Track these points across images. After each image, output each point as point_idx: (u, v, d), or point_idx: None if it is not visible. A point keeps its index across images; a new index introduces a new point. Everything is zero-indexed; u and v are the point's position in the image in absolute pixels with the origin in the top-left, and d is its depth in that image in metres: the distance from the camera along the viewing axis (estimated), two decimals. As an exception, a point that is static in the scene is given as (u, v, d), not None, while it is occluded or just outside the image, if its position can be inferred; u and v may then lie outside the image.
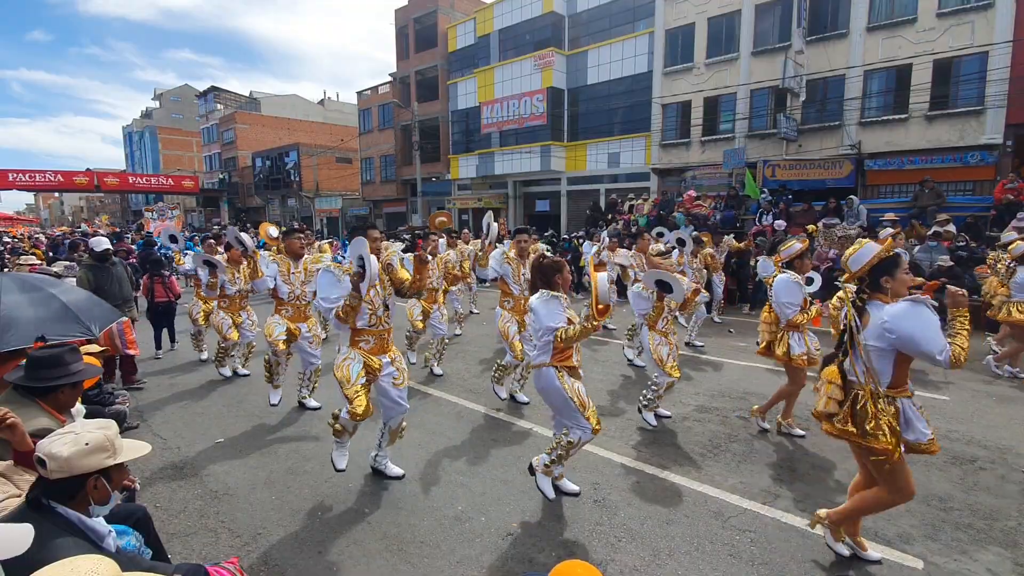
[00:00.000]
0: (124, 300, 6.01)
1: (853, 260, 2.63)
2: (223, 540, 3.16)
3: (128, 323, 5.61)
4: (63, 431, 1.85)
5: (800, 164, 15.04)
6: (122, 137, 63.58)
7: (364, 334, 3.56)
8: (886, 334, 2.45)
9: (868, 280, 2.61)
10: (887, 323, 2.43)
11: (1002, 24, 12.41)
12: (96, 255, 6.00)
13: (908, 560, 2.86)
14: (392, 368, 3.62)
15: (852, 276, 2.66)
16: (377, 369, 3.55)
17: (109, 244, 6.17)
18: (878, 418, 2.50)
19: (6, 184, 32.01)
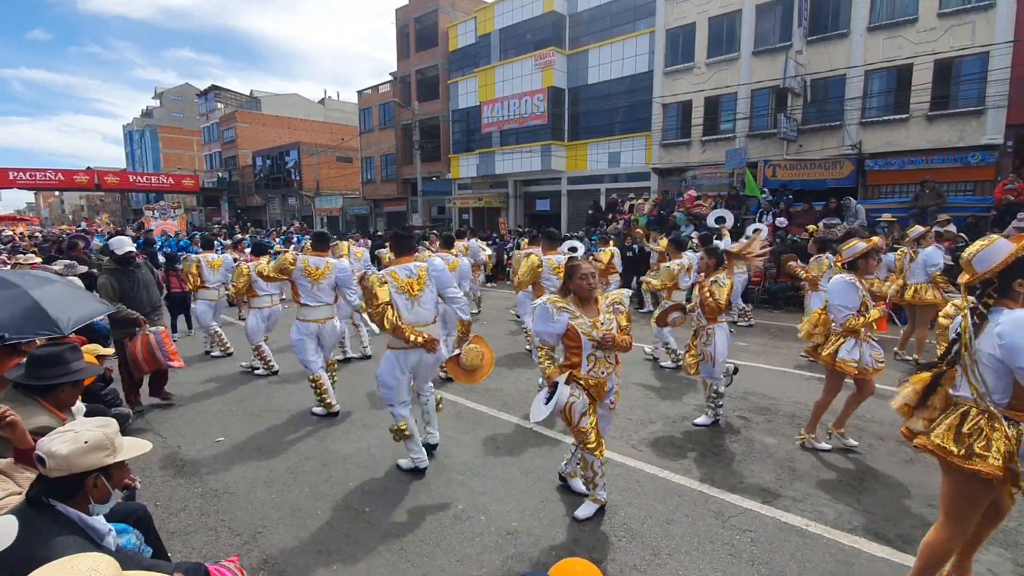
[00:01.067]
0: (153, 307, 5.30)
1: (979, 259, 2.21)
2: (223, 538, 3.16)
3: (166, 333, 5.01)
4: (63, 429, 1.85)
5: (801, 164, 15.04)
6: (122, 136, 63.63)
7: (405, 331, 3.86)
8: (996, 342, 2.09)
9: (997, 283, 2.19)
10: (1000, 329, 2.08)
11: (1003, 24, 12.41)
12: (119, 258, 5.16)
13: (909, 560, 2.85)
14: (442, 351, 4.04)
15: (977, 278, 2.24)
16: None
17: (132, 246, 5.33)
18: (992, 439, 2.15)
19: (7, 183, 32.02)
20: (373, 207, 33.35)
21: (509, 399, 5.47)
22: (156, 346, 4.80)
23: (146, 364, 4.79)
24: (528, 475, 3.86)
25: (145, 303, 5.14)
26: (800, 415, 4.92)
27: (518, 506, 3.43)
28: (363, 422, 4.93)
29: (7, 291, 3.53)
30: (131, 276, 5.13)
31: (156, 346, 4.80)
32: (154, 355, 4.77)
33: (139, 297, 5.10)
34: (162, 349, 4.81)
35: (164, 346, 4.83)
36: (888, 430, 4.59)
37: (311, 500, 3.56)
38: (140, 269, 5.29)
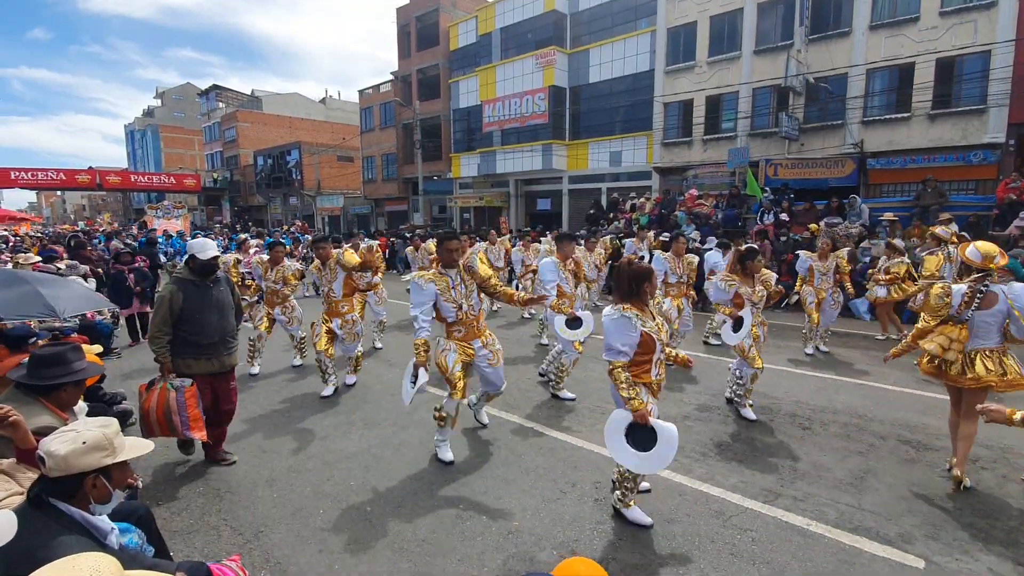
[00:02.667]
0: (223, 338, 3.90)
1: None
2: (225, 538, 3.17)
3: (194, 391, 3.67)
4: (66, 429, 1.85)
5: (802, 163, 15.02)
6: (124, 135, 63.69)
7: (455, 326, 4.03)
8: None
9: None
10: None
11: (1005, 23, 12.37)
12: (199, 266, 3.83)
13: (909, 560, 2.86)
14: (485, 351, 4.07)
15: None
16: (471, 354, 4.04)
17: (217, 251, 4.01)
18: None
19: (8, 183, 32.10)
20: (374, 206, 33.36)
21: (510, 399, 5.47)
22: (175, 409, 3.55)
23: (158, 427, 3.57)
24: (529, 474, 3.86)
25: (213, 329, 3.82)
26: (801, 414, 4.92)
27: (519, 506, 3.44)
28: (364, 422, 4.94)
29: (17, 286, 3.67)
30: (205, 292, 3.84)
31: (175, 409, 3.55)
32: (170, 419, 3.55)
33: (207, 320, 3.80)
34: (182, 414, 3.56)
35: (186, 409, 3.57)
36: (889, 429, 4.59)
37: (313, 499, 3.56)
38: (219, 285, 3.95)
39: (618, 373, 2.98)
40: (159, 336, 3.65)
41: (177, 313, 3.69)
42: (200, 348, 3.78)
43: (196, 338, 3.75)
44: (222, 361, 3.90)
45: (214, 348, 3.84)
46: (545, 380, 5.89)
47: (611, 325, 3.00)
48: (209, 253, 3.86)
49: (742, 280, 4.82)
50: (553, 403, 5.36)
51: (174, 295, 3.70)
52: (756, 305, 4.83)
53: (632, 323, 2.95)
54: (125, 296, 8.19)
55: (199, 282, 3.83)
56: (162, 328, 3.65)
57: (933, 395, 5.46)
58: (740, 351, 4.81)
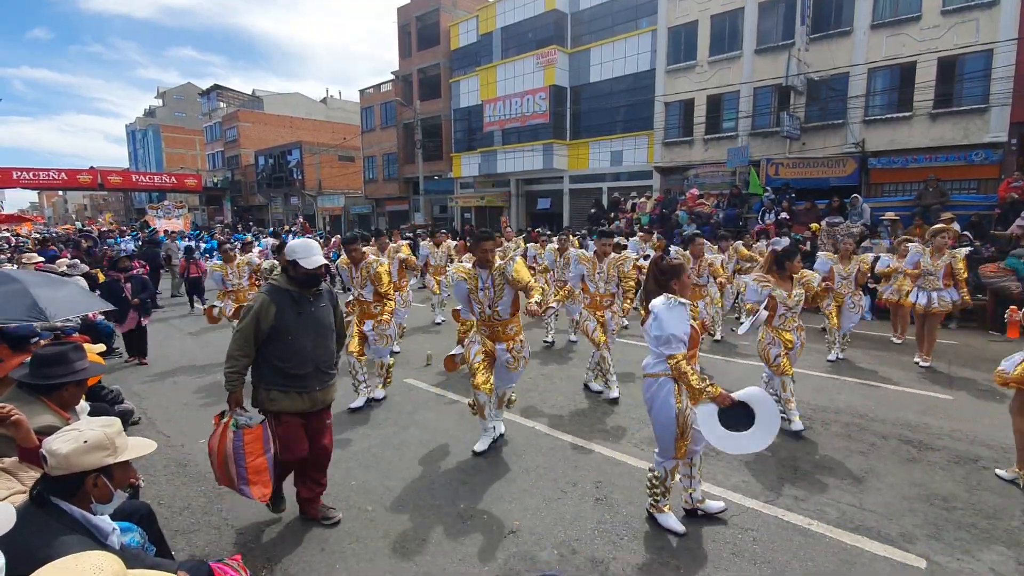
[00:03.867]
0: (317, 367, 3.09)
1: None
2: (226, 537, 3.17)
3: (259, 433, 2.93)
4: (68, 428, 1.86)
5: (803, 162, 15.00)
6: (125, 135, 63.75)
7: (480, 324, 4.09)
8: None
9: None
10: None
11: (1007, 22, 12.35)
12: (303, 276, 3.03)
13: (911, 559, 2.85)
14: (507, 355, 4.04)
15: None
16: (491, 352, 4.06)
17: (323, 259, 3.12)
18: None
19: (10, 183, 32.12)
20: (375, 206, 33.36)
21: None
22: (232, 456, 2.83)
23: (218, 472, 2.92)
24: (530, 474, 3.87)
25: (306, 356, 3.03)
26: (803, 414, 4.91)
27: (520, 505, 3.44)
28: (365, 422, 4.94)
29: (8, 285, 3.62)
30: (303, 309, 3.05)
31: (232, 456, 2.83)
32: (227, 466, 2.86)
33: (299, 344, 3.01)
34: (239, 463, 2.83)
35: (244, 458, 2.83)
36: (890, 429, 4.59)
37: (313, 499, 3.56)
38: (320, 301, 3.16)
39: (682, 365, 2.80)
40: (238, 357, 2.95)
41: (266, 331, 2.94)
42: (289, 379, 3.00)
43: (284, 365, 2.98)
44: (314, 398, 3.09)
45: (305, 381, 3.03)
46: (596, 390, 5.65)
47: (668, 313, 2.85)
48: (316, 259, 2.99)
49: (778, 282, 4.45)
50: (552, 402, 5.36)
51: (265, 308, 2.93)
52: (792, 309, 4.48)
53: (687, 312, 2.87)
54: (121, 307, 6.86)
55: (298, 295, 3.04)
56: (244, 348, 2.93)
57: (934, 395, 5.46)
58: (765, 360, 4.56)
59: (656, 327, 2.88)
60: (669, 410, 2.92)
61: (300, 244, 3.08)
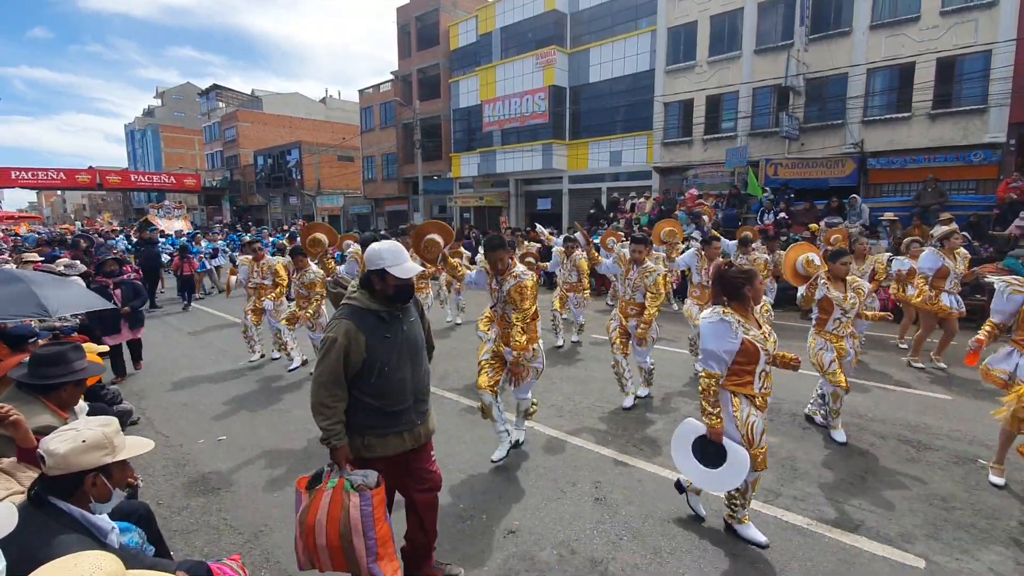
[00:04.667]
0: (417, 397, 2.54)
1: None
2: (225, 537, 3.17)
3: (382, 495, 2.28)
4: (65, 428, 1.86)
5: (802, 163, 15.01)
6: (124, 135, 63.72)
7: (495, 321, 4.03)
8: None
9: None
10: None
11: (1006, 22, 12.36)
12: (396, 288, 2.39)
13: (910, 559, 2.86)
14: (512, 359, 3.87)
15: None
16: (501, 353, 3.95)
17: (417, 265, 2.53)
18: None
19: (9, 182, 32.10)
20: (374, 206, 33.36)
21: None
22: (360, 527, 2.15)
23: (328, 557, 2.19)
24: (529, 474, 3.87)
25: (406, 388, 2.46)
26: (802, 414, 4.92)
27: (519, 505, 3.44)
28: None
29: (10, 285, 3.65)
30: (396, 330, 2.42)
31: (360, 527, 2.15)
32: (348, 543, 2.14)
33: (398, 375, 2.42)
34: (369, 535, 2.16)
35: (373, 527, 2.18)
36: (890, 428, 4.59)
37: (313, 499, 3.56)
38: (410, 315, 2.54)
39: (705, 383, 2.77)
40: (330, 404, 2.28)
41: (357, 366, 2.30)
42: (387, 419, 2.41)
43: (381, 403, 2.38)
44: (416, 434, 2.53)
45: (405, 416, 2.46)
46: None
47: (708, 329, 2.77)
48: (409, 266, 2.38)
49: (832, 283, 4.28)
50: (552, 403, 5.36)
51: (353, 338, 2.27)
52: (847, 313, 4.30)
53: (732, 328, 2.74)
54: (109, 318, 6.03)
55: (387, 314, 2.39)
56: (335, 391, 2.29)
57: (933, 395, 5.47)
58: (819, 367, 4.36)
59: (701, 341, 2.83)
60: (728, 420, 2.84)
61: (386, 249, 2.35)
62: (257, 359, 7.09)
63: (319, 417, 2.30)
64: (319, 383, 2.29)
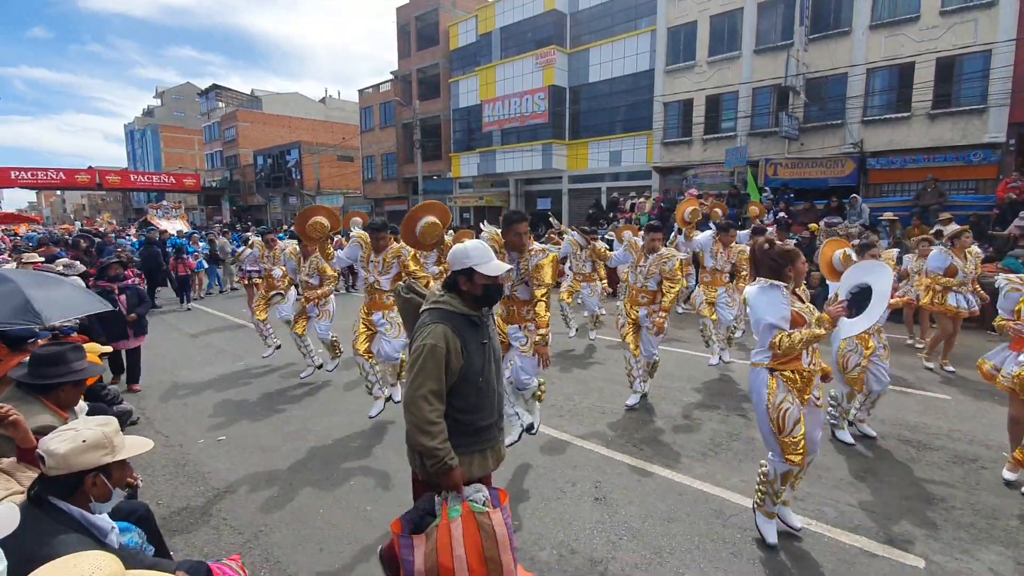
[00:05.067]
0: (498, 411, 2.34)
1: None
2: (225, 537, 3.17)
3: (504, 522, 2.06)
4: (65, 428, 1.86)
5: (802, 163, 15.02)
6: (124, 135, 63.69)
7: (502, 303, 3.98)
8: None
9: None
10: None
11: (1005, 22, 12.37)
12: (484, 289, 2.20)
13: (910, 559, 2.86)
14: (520, 334, 3.91)
15: None
16: (505, 335, 3.98)
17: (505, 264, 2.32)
18: None
19: (8, 182, 32.09)
20: (374, 206, 33.35)
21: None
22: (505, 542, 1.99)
23: None
24: (528, 473, 3.86)
25: (494, 399, 2.28)
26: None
27: (519, 505, 3.44)
28: (366, 422, 4.93)
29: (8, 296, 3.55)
30: (484, 334, 2.23)
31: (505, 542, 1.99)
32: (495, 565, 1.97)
33: (490, 386, 2.24)
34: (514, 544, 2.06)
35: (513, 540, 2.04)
36: (890, 429, 4.59)
37: (313, 499, 3.56)
38: (491, 318, 2.38)
39: (785, 341, 2.58)
40: (436, 421, 2.01)
41: (455, 375, 2.09)
42: (474, 435, 2.20)
43: (472, 418, 2.16)
44: (497, 452, 2.33)
45: (490, 432, 2.26)
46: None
47: (761, 297, 2.67)
48: (497, 264, 2.19)
49: None
50: (552, 402, 5.35)
51: (452, 344, 2.05)
52: None
53: (784, 293, 2.67)
54: (114, 323, 5.69)
55: (477, 318, 2.19)
56: (438, 405, 2.04)
57: (933, 395, 5.47)
58: (841, 368, 4.15)
59: (752, 315, 2.75)
60: (761, 402, 2.77)
61: (473, 247, 2.17)
62: (272, 352, 6.99)
63: (424, 437, 1.98)
64: (419, 397, 1.98)
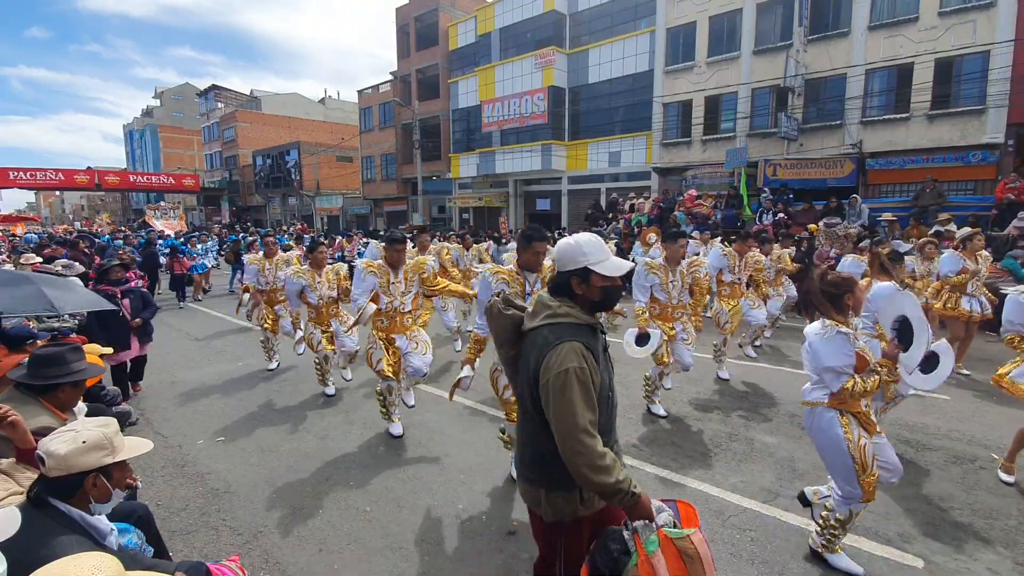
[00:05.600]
0: None
1: None
2: (224, 538, 3.17)
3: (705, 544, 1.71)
4: (65, 429, 1.86)
5: (801, 163, 15.03)
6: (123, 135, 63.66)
7: None
8: None
9: None
10: None
11: (1004, 23, 12.39)
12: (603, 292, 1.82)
13: (908, 559, 2.86)
14: None
15: None
16: None
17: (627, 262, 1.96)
18: None
19: (7, 183, 32.05)
20: (373, 206, 33.35)
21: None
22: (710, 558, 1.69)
23: None
24: (528, 474, 3.86)
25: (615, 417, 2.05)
26: (801, 414, 4.91)
27: (518, 505, 3.43)
28: (364, 421, 4.93)
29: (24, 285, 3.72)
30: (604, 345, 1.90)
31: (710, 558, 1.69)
32: None
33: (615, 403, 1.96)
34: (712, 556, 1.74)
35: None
36: (889, 429, 4.59)
37: (312, 499, 3.56)
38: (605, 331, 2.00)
39: (860, 385, 2.56)
40: (605, 452, 1.66)
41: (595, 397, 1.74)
42: None
43: (605, 439, 1.78)
44: None
45: (617, 449, 1.99)
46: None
47: (825, 345, 2.56)
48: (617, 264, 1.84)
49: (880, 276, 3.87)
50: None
51: (590, 362, 1.72)
52: None
53: (850, 340, 2.55)
54: (118, 331, 5.21)
55: (599, 326, 1.88)
56: (598, 435, 1.68)
57: (933, 395, 5.46)
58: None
59: (811, 358, 2.64)
60: (837, 442, 2.61)
61: (587, 241, 1.81)
62: (275, 367, 6.72)
63: (603, 475, 1.61)
64: (581, 431, 1.62)
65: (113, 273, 5.62)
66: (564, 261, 1.81)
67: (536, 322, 1.80)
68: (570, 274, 1.80)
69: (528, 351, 1.79)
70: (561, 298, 1.82)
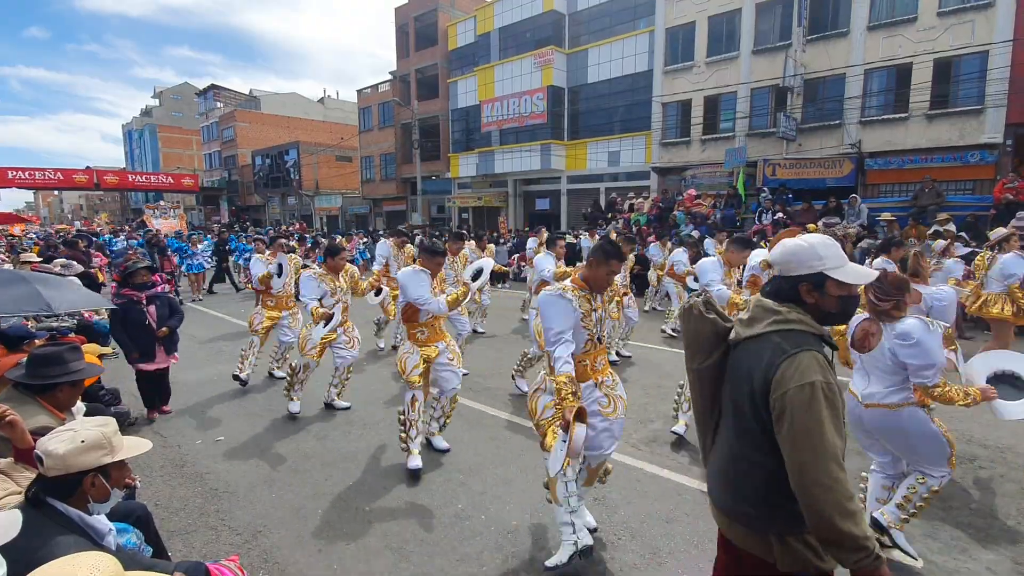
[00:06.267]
0: None
1: None
2: (223, 538, 3.16)
3: None
4: (63, 429, 1.85)
5: (800, 163, 15.05)
6: (122, 135, 63.60)
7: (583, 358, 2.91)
8: None
9: None
10: None
11: (1002, 23, 12.41)
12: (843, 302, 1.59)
13: (907, 559, 2.86)
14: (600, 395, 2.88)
15: None
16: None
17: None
18: None
19: (5, 182, 31.97)
20: (372, 206, 33.34)
21: (510, 398, 5.47)
22: None
23: None
24: (527, 474, 3.86)
25: None
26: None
27: (518, 505, 3.43)
28: (364, 421, 4.93)
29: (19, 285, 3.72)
30: None
31: None
32: None
33: None
34: None
35: None
36: (888, 429, 4.59)
37: (311, 499, 3.56)
38: None
39: (949, 391, 2.74)
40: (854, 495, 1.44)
41: None
42: None
43: None
44: None
45: None
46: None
47: (932, 339, 2.63)
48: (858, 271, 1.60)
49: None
50: (552, 403, 5.35)
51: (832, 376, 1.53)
52: None
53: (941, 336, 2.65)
54: (142, 340, 4.83)
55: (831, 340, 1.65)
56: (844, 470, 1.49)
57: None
58: None
59: (918, 355, 2.62)
60: (935, 435, 2.82)
61: (822, 243, 1.58)
62: (244, 377, 5.92)
63: (849, 521, 1.33)
64: (831, 460, 1.40)
65: (139, 276, 5.01)
66: (793, 265, 1.58)
67: (758, 328, 1.57)
68: (799, 280, 1.57)
69: (745, 361, 1.57)
70: (792, 304, 1.58)
